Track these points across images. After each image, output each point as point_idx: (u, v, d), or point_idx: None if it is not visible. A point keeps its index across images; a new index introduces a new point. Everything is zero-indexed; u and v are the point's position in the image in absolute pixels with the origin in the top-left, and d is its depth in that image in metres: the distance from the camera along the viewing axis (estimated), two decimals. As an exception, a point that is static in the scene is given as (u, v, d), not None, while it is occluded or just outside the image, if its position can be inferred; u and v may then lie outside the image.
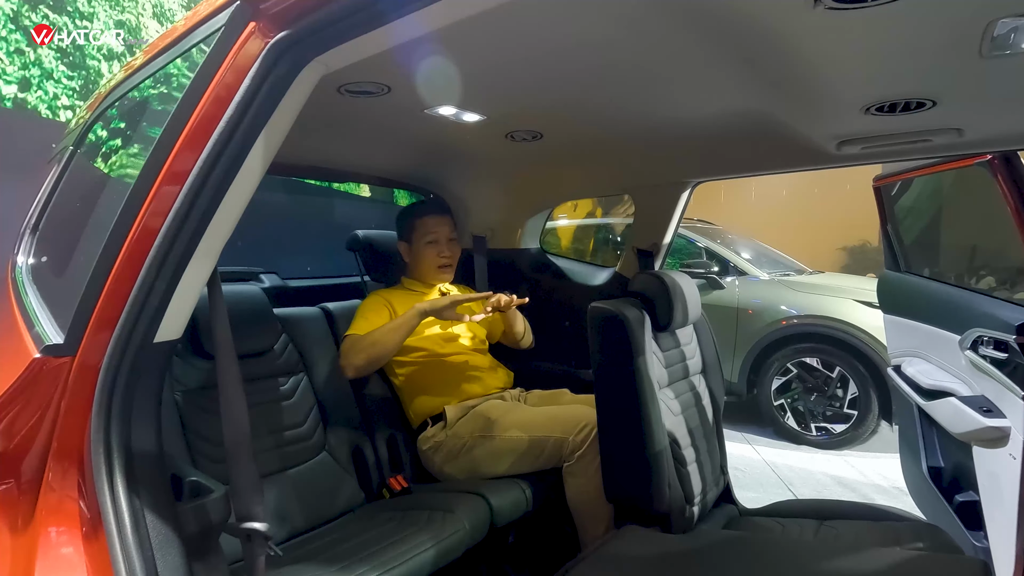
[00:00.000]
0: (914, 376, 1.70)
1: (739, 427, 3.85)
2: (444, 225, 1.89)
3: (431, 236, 1.87)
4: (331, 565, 1.25)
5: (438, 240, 1.88)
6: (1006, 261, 1.93)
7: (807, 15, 0.75)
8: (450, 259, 1.89)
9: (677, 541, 1.37)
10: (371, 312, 1.77)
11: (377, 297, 1.83)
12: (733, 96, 1.15)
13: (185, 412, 1.40)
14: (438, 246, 1.88)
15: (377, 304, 1.79)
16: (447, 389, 1.78)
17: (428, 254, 1.87)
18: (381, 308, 1.79)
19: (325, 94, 1.18)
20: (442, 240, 1.88)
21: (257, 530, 0.78)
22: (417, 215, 1.90)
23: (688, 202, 1.93)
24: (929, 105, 1.06)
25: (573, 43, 0.93)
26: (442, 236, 1.88)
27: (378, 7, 0.64)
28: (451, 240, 1.90)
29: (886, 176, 2.03)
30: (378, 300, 1.81)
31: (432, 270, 1.88)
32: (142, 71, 1.15)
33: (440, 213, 1.92)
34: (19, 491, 0.81)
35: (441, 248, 1.88)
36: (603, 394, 1.51)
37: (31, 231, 1.67)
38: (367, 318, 1.74)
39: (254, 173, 0.74)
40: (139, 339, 0.74)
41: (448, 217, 1.93)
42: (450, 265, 1.90)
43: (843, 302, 3.69)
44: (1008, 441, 1.32)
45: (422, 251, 1.88)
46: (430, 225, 1.88)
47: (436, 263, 1.88)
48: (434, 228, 1.88)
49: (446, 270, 1.89)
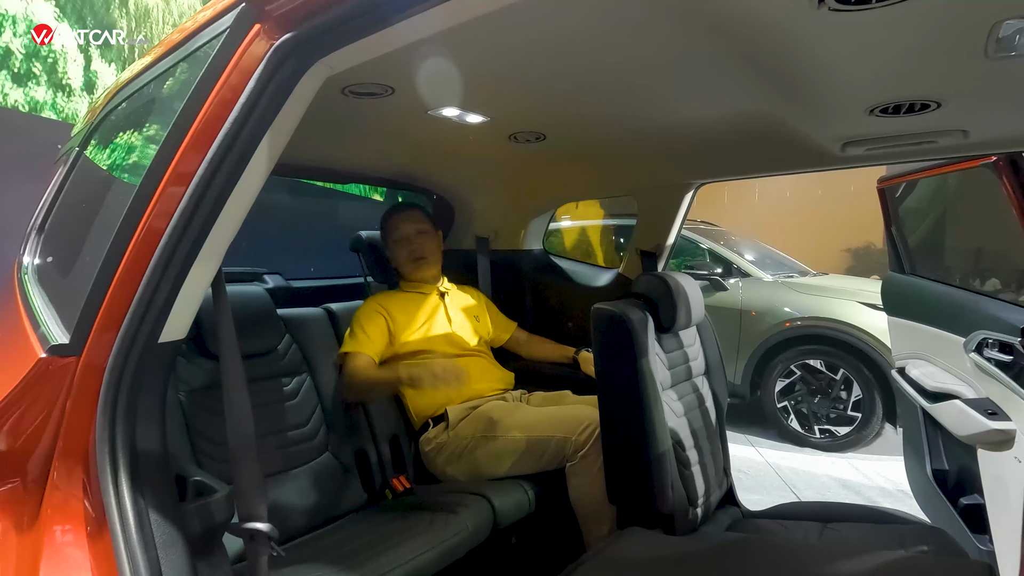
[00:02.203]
0: (919, 378, 1.69)
1: (742, 429, 3.84)
2: (408, 221, 1.89)
3: (396, 233, 1.89)
4: (334, 565, 1.26)
5: (406, 235, 1.88)
6: (1011, 263, 1.92)
7: (811, 16, 0.75)
8: (420, 250, 1.88)
9: (680, 543, 1.36)
10: (367, 322, 1.76)
11: (373, 305, 1.82)
12: (737, 97, 1.14)
13: (189, 412, 1.40)
14: (407, 242, 1.88)
15: (372, 313, 1.79)
16: (448, 390, 1.78)
17: (399, 252, 1.89)
18: (376, 317, 1.78)
19: (329, 96, 1.18)
20: (410, 234, 1.88)
21: (260, 530, 0.78)
22: (383, 219, 1.94)
23: (691, 203, 1.93)
24: (934, 106, 1.06)
25: (576, 45, 0.94)
26: (408, 231, 1.88)
27: (382, 9, 0.64)
28: (420, 233, 1.89)
29: (890, 177, 2.02)
30: (373, 309, 1.80)
31: (407, 265, 1.89)
32: (147, 73, 1.15)
33: (403, 210, 1.93)
34: (25, 490, 0.82)
35: (409, 243, 1.88)
36: (606, 395, 1.51)
37: (37, 231, 1.68)
38: (365, 331, 1.74)
39: (259, 174, 0.74)
40: (144, 339, 0.75)
41: (414, 211, 1.92)
42: (422, 257, 1.88)
43: (847, 304, 3.68)
44: (1013, 444, 1.31)
45: (394, 250, 1.90)
46: (394, 223, 1.90)
47: (408, 258, 1.88)
48: (398, 225, 1.89)
49: (420, 263, 1.88)
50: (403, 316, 1.82)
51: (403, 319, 1.82)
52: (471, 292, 2.06)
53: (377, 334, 1.75)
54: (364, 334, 1.74)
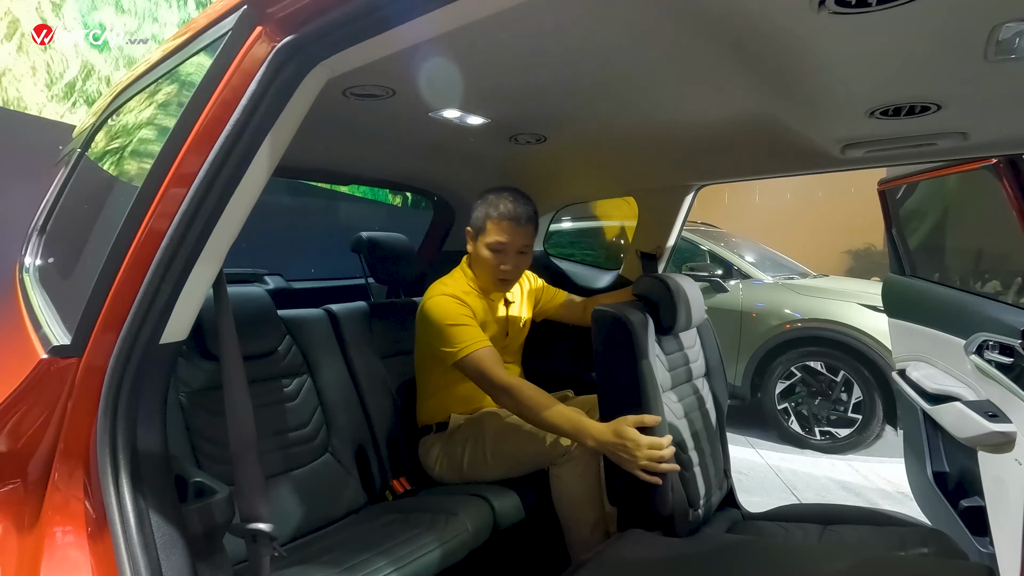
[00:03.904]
0: (919, 380, 1.69)
1: (743, 431, 3.84)
2: (517, 232, 1.64)
3: (496, 235, 1.64)
4: (335, 566, 1.26)
5: (505, 247, 1.64)
6: (1011, 265, 1.92)
7: (812, 19, 0.75)
8: (510, 273, 1.67)
9: (680, 545, 1.36)
10: (461, 316, 1.59)
11: (452, 301, 1.62)
12: (737, 99, 1.15)
13: (190, 413, 1.40)
14: (502, 255, 1.65)
15: (461, 307, 1.61)
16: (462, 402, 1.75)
17: (487, 256, 1.66)
18: (467, 310, 1.62)
19: (330, 97, 1.19)
20: (509, 249, 1.65)
21: (262, 531, 0.78)
22: (489, 197, 1.67)
23: (692, 205, 1.93)
24: (934, 109, 1.06)
25: (577, 47, 0.94)
26: (511, 244, 1.64)
27: (383, 12, 0.65)
28: (520, 253, 1.66)
29: (891, 179, 2.02)
30: (458, 303, 1.62)
31: (488, 277, 1.69)
32: (149, 74, 1.16)
33: (520, 214, 1.64)
34: (26, 491, 0.82)
35: (504, 258, 1.65)
36: (606, 397, 1.50)
37: (39, 232, 1.69)
38: (467, 324, 1.57)
39: (260, 176, 0.74)
40: (145, 340, 0.75)
41: (529, 225, 1.67)
42: (507, 280, 1.69)
43: (848, 306, 3.68)
44: (1014, 446, 1.31)
45: (481, 249, 1.67)
46: (499, 221, 1.64)
47: (493, 273, 1.67)
48: (503, 228, 1.63)
49: (503, 285, 1.71)
50: (476, 317, 1.67)
51: (475, 321, 1.67)
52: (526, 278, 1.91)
53: (473, 323, 1.61)
54: (466, 327, 1.56)
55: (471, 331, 1.57)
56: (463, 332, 1.57)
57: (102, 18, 3.37)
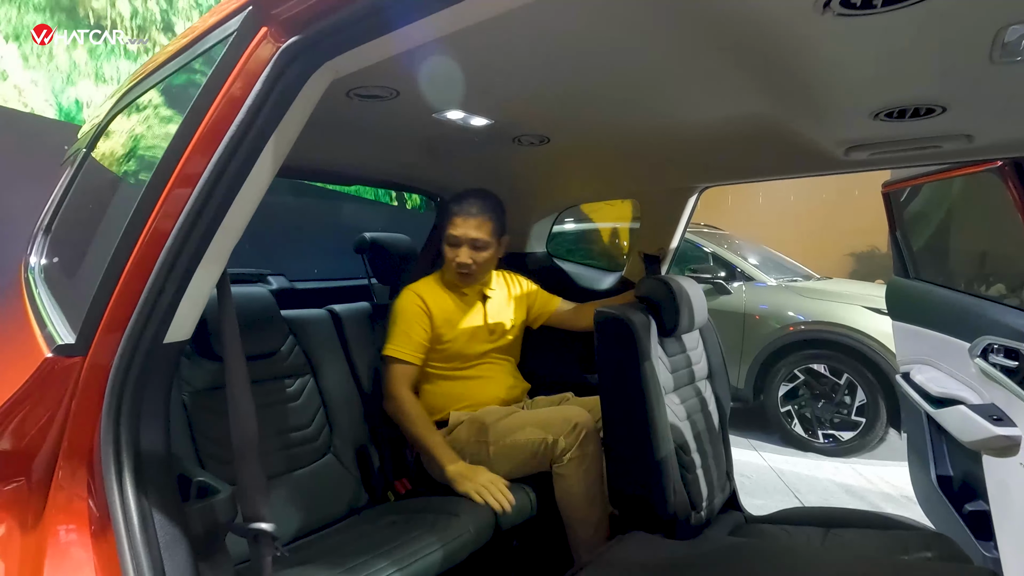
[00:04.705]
0: (923, 383, 1.68)
1: (745, 433, 3.83)
2: (468, 224, 1.70)
3: (452, 228, 1.72)
4: (336, 567, 1.26)
5: (458, 239, 1.71)
6: (1016, 267, 1.91)
7: (816, 21, 0.75)
8: (466, 266, 1.72)
9: (682, 547, 1.36)
10: (410, 319, 1.69)
11: (412, 298, 1.72)
12: (741, 101, 1.14)
13: (193, 413, 1.41)
14: (455, 247, 1.72)
15: (414, 308, 1.71)
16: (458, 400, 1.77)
17: (447, 250, 1.75)
18: (418, 314, 1.71)
19: (335, 98, 1.19)
20: (462, 240, 1.71)
21: (264, 530, 0.78)
22: (451, 200, 1.75)
23: (695, 207, 1.93)
24: (939, 111, 1.06)
25: (581, 48, 0.94)
26: (463, 235, 1.70)
27: (388, 13, 0.65)
28: (474, 243, 1.71)
29: (895, 182, 2.02)
30: (414, 304, 1.72)
31: (450, 269, 1.77)
32: (154, 75, 1.16)
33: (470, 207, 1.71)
34: (29, 489, 0.82)
35: (457, 250, 1.71)
36: (608, 399, 1.50)
37: (44, 232, 1.69)
38: (406, 331, 1.68)
39: (264, 176, 0.74)
40: (149, 340, 0.75)
41: (481, 216, 1.71)
42: (467, 273, 1.74)
43: (851, 308, 3.67)
44: (1019, 450, 1.30)
45: (443, 243, 1.75)
46: (454, 215, 1.73)
47: (451, 264, 1.75)
48: (456, 220, 1.72)
49: (463, 278, 1.76)
50: (442, 316, 1.76)
51: (442, 319, 1.76)
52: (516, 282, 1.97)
53: (419, 332, 1.70)
54: (406, 334, 1.68)
55: (408, 340, 1.69)
56: (401, 337, 1.70)
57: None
